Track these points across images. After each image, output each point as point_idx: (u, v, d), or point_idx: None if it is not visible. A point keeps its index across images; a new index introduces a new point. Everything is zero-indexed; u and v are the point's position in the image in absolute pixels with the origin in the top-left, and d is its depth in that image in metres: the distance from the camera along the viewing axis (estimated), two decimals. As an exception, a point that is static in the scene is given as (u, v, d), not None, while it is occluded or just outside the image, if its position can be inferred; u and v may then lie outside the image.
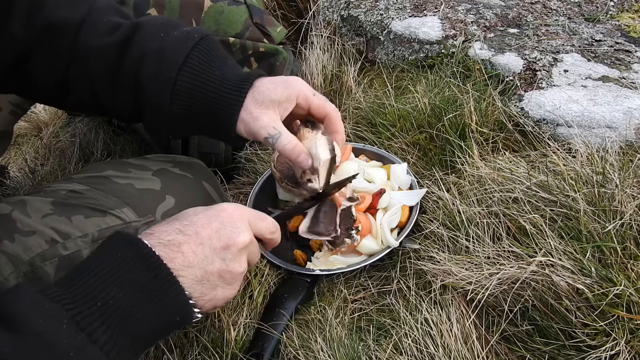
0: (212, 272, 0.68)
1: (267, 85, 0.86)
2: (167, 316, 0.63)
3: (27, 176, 1.65)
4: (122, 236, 0.66)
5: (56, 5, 0.84)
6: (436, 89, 1.29)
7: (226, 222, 0.71)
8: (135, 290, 0.60)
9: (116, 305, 0.58)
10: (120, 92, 0.87)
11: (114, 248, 0.64)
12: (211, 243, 0.68)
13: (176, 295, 0.64)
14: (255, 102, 0.85)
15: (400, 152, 1.22)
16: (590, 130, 1.09)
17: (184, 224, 0.69)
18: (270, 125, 0.86)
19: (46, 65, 0.85)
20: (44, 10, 0.83)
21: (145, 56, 0.83)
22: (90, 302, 0.58)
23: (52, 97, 0.95)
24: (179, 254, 0.65)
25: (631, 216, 0.83)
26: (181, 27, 0.88)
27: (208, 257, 0.68)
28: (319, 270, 1.01)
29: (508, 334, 0.86)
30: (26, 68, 0.86)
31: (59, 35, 0.83)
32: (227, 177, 1.34)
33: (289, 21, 1.84)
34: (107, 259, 0.62)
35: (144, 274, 0.62)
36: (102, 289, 0.59)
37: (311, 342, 0.90)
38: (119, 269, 0.61)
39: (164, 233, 0.67)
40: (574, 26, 1.43)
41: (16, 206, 0.82)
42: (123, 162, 0.97)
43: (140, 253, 0.63)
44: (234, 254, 0.70)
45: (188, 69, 0.83)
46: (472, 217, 0.96)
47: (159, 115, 0.86)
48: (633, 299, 0.75)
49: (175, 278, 0.63)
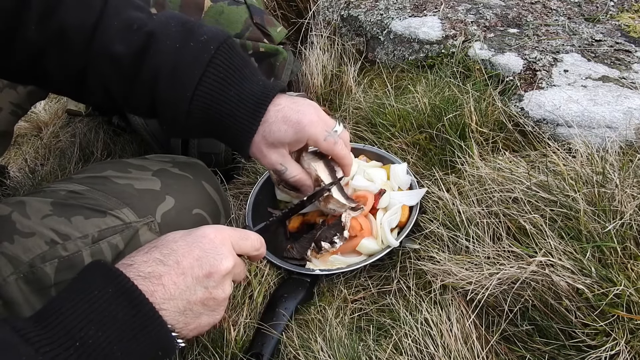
0: (195, 301, 0.66)
1: (280, 125, 0.87)
2: (149, 351, 0.61)
3: (27, 176, 1.65)
4: (100, 268, 0.63)
5: (70, 8, 0.81)
6: (436, 89, 1.29)
7: (208, 248, 0.69)
8: (115, 328, 0.57)
9: (95, 344, 0.56)
10: (136, 99, 0.86)
11: (92, 281, 0.61)
12: (193, 272, 0.66)
13: (159, 330, 0.61)
14: (266, 142, 0.88)
15: (400, 152, 1.22)
16: (590, 130, 1.09)
17: (164, 253, 0.66)
18: (277, 162, 0.91)
19: (59, 65, 0.84)
20: (57, 13, 0.80)
21: (162, 71, 0.82)
22: (68, 342, 0.55)
23: (70, 92, 0.94)
24: (160, 287, 0.63)
25: (631, 216, 0.83)
26: (197, 32, 0.85)
27: (190, 287, 0.66)
28: (319, 270, 1.01)
29: (508, 334, 0.86)
30: (42, 65, 0.84)
31: (72, 38, 0.81)
32: (227, 177, 1.34)
33: (289, 21, 1.84)
34: (86, 294, 0.59)
35: (124, 310, 0.59)
36: (80, 328, 0.56)
37: (311, 342, 0.90)
38: (98, 306, 0.58)
39: (144, 264, 0.64)
40: (574, 26, 1.42)
41: (15, 207, 0.82)
42: (123, 162, 0.97)
43: (121, 288, 0.60)
44: (217, 281, 0.68)
45: (204, 88, 0.83)
46: (472, 217, 0.96)
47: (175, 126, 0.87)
48: (633, 299, 0.75)
49: (157, 313, 0.61)
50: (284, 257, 1.05)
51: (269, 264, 1.05)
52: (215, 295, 0.68)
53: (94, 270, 0.62)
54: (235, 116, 0.85)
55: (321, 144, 0.92)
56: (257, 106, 0.86)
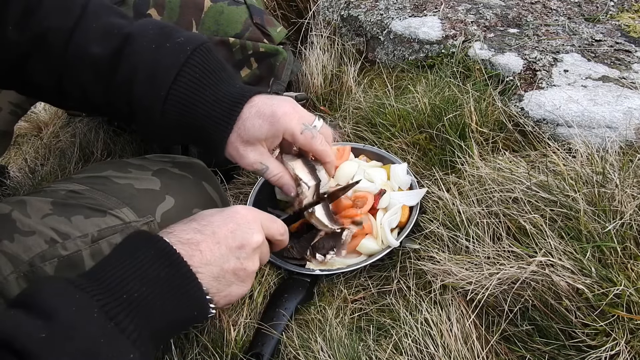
0: (228, 269, 0.72)
1: (254, 121, 0.86)
2: (186, 310, 0.66)
3: (27, 176, 1.65)
4: (143, 234, 0.69)
5: (49, 11, 0.83)
6: (436, 89, 1.29)
7: (241, 222, 0.75)
8: (157, 285, 0.63)
9: (140, 298, 0.61)
10: (113, 102, 0.87)
11: (136, 245, 0.67)
12: (227, 242, 0.72)
13: (195, 291, 0.67)
14: (241, 140, 0.87)
15: (400, 152, 1.22)
16: (590, 130, 1.09)
17: (201, 224, 0.73)
18: (257, 161, 0.90)
19: (42, 70, 0.85)
20: (36, 15, 0.82)
21: (137, 72, 0.82)
22: (117, 294, 0.60)
23: (51, 99, 0.95)
24: (198, 252, 0.69)
25: (631, 216, 0.83)
26: (175, 35, 0.85)
27: (224, 255, 0.71)
28: (319, 270, 1.01)
29: (508, 334, 0.86)
30: (24, 71, 0.85)
31: (51, 41, 0.83)
32: (227, 177, 1.34)
33: (289, 21, 1.84)
34: (130, 256, 0.65)
35: (165, 270, 0.65)
36: (126, 283, 0.62)
37: (311, 342, 0.90)
38: (142, 265, 0.64)
39: (183, 232, 0.71)
40: (574, 26, 1.43)
41: (16, 206, 0.82)
42: (123, 162, 0.97)
43: (162, 250, 0.66)
44: (248, 253, 0.74)
45: (178, 87, 0.83)
46: (472, 217, 0.96)
47: (151, 129, 0.88)
48: (633, 299, 0.75)
49: (194, 275, 0.67)
50: (284, 257, 1.05)
51: (269, 264, 1.05)
52: (246, 267, 0.74)
53: (136, 237, 0.69)
54: (211, 116, 0.85)
55: (298, 137, 0.90)
56: (232, 105, 0.85)
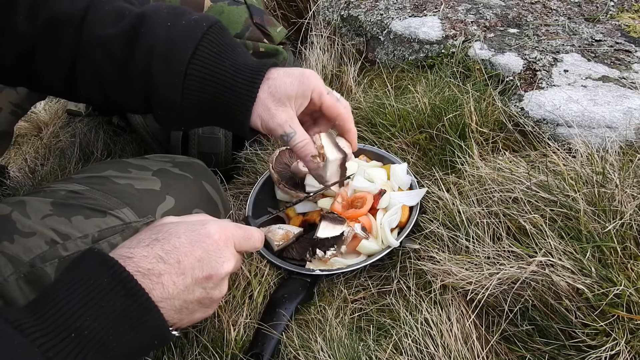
0: (192, 300, 0.66)
1: (284, 78, 0.84)
2: (146, 341, 0.61)
3: (27, 176, 1.65)
4: (96, 256, 0.62)
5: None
6: (436, 89, 1.29)
7: (211, 250, 0.68)
8: (112, 317, 0.57)
9: (92, 334, 0.55)
10: (129, 85, 0.84)
11: (88, 270, 0.60)
12: (193, 273, 0.66)
13: (155, 321, 0.61)
14: (272, 98, 0.83)
15: (400, 152, 1.22)
16: (590, 130, 1.09)
17: (165, 250, 0.65)
18: (287, 123, 0.85)
19: (52, 59, 0.83)
20: (47, 3, 0.81)
21: (154, 49, 0.80)
22: (64, 332, 0.54)
23: (59, 90, 0.92)
24: (159, 285, 0.62)
25: (631, 216, 0.83)
26: (188, 14, 0.84)
27: (189, 287, 0.65)
28: (319, 270, 1.01)
29: (508, 334, 0.86)
30: (32, 62, 0.84)
31: (63, 28, 0.81)
32: (227, 177, 1.34)
33: (289, 21, 1.84)
34: (81, 283, 0.58)
35: (121, 300, 0.58)
36: (76, 318, 0.55)
37: (311, 342, 0.90)
38: (95, 295, 0.57)
39: (144, 259, 0.63)
40: (574, 26, 1.43)
41: (16, 207, 0.82)
42: (123, 162, 0.97)
43: (116, 278, 0.59)
44: (215, 283, 0.68)
45: (198, 61, 0.80)
46: (472, 217, 0.96)
47: (170, 109, 0.83)
48: (633, 299, 0.75)
49: (154, 304, 0.61)
50: (284, 257, 1.05)
51: (269, 264, 1.05)
52: (212, 296, 0.68)
53: (89, 259, 0.61)
54: (232, 87, 0.82)
55: (325, 97, 0.89)
56: (254, 75, 0.83)
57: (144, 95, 0.83)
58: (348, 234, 1.00)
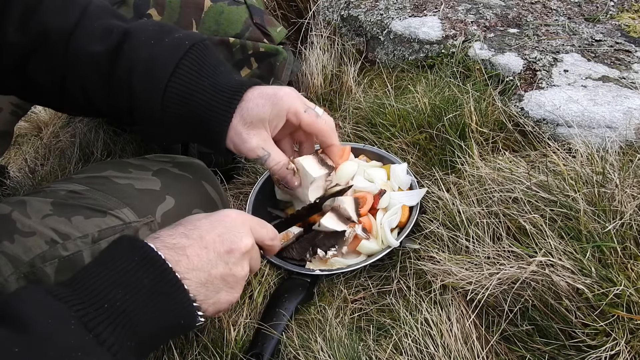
0: (216, 275, 0.69)
1: (257, 101, 0.85)
2: (172, 319, 0.64)
3: (27, 176, 1.65)
4: (127, 239, 0.66)
5: (50, 11, 0.83)
6: (436, 89, 1.29)
7: (229, 226, 0.73)
8: (141, 293, 0.61)
9: (123, 307, 0.59)
10: (114, 100, 0.86)
11: (120, 251, 0.65)
12: (215, 247, 0.70)
13: (181, 298, 0.65)
14: (244, 123, 0.85)
15: (400, 152, 1.22)
16: (590, 130, 1.09)
17: (188, 229, 0.71)
18: (259, 147, 0.87)
19: (43, 71, 0.85)
20: (37, 15, 0.82)
21: (136, 65, 0.82)
22: (98, 303, 0.58)
23: (50, 101, 0.94)
24: (184, 257, 0.67)
25: (631, 216, 0.83)
26: (174, 33, 0.86)
27: (212, 260, 0.69)
28: (319, 270, 1.01)
29: (508, 334, 0.86)
30: (25, 72, 0.85)
31: (52, 41, 0.83)
32: (227, 177, 1.34)
33: (289, 21, 1.84)
34: (113, 262, 0.63)
35: (149, 277, 0.62)
36: (108, 291, 0.59)
37: (311, 342, 0.90)
38: (126, 272, 0.62)
39: (169, 237, 0.69)
40: (574, 26, 1.43)
41: (16, 207, 0.82)
42: (123, 162, 0.97)
43: (146, 256, 0.64)
44: (237, 258, 0.72)
45: (177, 79, 0.82)
46: (472, 217, 0.96)
47: (151, 125, 0.86)
48: (633, 299, 0.75)
49: (180, 281, 0.64)
50: (284, 257, 1.05)
51: (269, 264, 1.05)
52: (235, 272, 0.72)
53: (120, 243, 0.66)
54: (210, 106, 0.83)
55: (302, 115, 0.88)
56: (233, 94, 0.84)
57: (128, 109, 0.86)
58: (349, 234, 1.00)
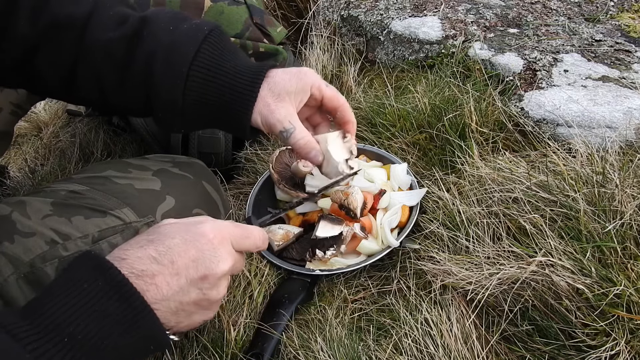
0: (188, 302, 0.65)
1: (282, 76, 0.85)
2: (141, 346, 0.60)
3: (27, 176, 1.65)
4: (90, 259, 0.61)
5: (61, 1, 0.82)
6: (436, 89, 1.29)
7: (205, 249, 0.66)
8: (106, 322, 0.56)
9: (85, 339, 0.54)
10: (129, 88, 0.84)
11: (81, 273, 0.59)
12: (188, 273, 0.64)
13: (151, 326, 0.60)
14: (272, 94, 0.84)
15: (400, 152, 1.22)
16: (590, 130, 1.09)
17: (159, 251, 0.64)
18: (286, 119, 0.84)
19: (52, 62, 0.84)
20: (49, 6, 0.81)
21: (156, 52, 0.81)
22: (57, 337, 0.53)
23: (59, 92, 0.92)
24: (153, 287, 0.61)
25: (631, 216, 0.83)
26: (189, 19, 0.86)
27: (184, 288, 0.64)
28: (319, 271, 1.01)
29: (508, 334, 0.86)
30: (32, 64, 0.84)
31: (65, 31, 0.82)
32: (227, 177, 1.34)
33: (289, 21, 1.84)
34: (75, 287, 0.57)
35: (115, 304, 0.57)
36: (69, 322, 0.54)
37: (311, 342, 0.90)
38: (88, 300, 0.56)
39: (137, 260, 0.62)
40: (574, 26, 1.43)
41: (16, 207, 0.82)
42: (123, 162, 0.97)
43: (111, 281, 0.58)
44: (211, 283, 0.66)
45: (199, 63, 0.81)
46: (472, 217, 0.96)
47: (171, 111, 0.84)
48: (633, 299, 0.75)
49: (149, 307, 0.59)
50: (284, 257, 1.05)
51: (269, 264, 1.05)
52: (210, 297, 0.67)
53: (84, 262, 0.60)
54: (234, 88, 0.83)
55: (324, 89, 0.90)
56: (254, 75, 0.84)
57: (145, 98, 0.84)
58: (347, 233, 1.00)
